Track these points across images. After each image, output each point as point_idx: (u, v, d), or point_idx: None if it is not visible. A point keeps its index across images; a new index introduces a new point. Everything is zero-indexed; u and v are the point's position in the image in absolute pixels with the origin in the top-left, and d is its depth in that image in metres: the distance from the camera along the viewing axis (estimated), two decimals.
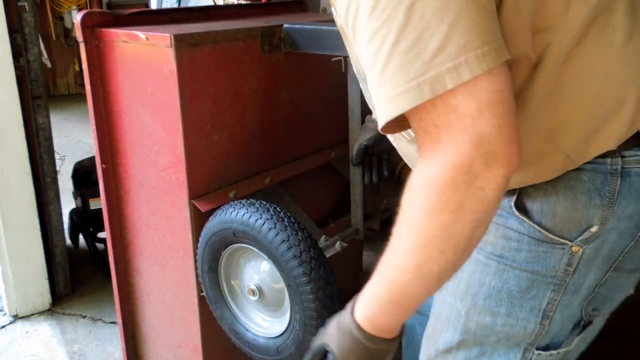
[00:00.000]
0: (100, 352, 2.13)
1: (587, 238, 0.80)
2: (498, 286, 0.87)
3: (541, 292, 0.85)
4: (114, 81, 1.38)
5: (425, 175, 0.65)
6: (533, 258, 0.83)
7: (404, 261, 0.70)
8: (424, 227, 0.67)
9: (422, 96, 0.62)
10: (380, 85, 0.65)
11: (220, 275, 1.26)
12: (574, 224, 0.80)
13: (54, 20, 5.77)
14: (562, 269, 0.83)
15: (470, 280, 0.89)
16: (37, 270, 2.31)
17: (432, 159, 0.65)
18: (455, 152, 0.63)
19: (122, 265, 1.61)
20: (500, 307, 0.87)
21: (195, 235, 1.32)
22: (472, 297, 0.89)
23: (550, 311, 0.86)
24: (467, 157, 0.62)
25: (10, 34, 2.03)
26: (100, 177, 1.48)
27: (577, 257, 0.81)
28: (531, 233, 0.81)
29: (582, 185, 0.78)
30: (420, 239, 0.67)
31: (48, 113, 2.24)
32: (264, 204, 1.14)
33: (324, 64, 1.41)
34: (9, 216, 2.18)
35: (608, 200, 0.78)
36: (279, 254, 1.09)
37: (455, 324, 0.93)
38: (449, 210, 0.65)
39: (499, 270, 0.86)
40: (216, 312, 1.31)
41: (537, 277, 0.84)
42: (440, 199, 0.64)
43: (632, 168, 0.78)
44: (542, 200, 0.80)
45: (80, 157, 2.87)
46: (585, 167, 0.78)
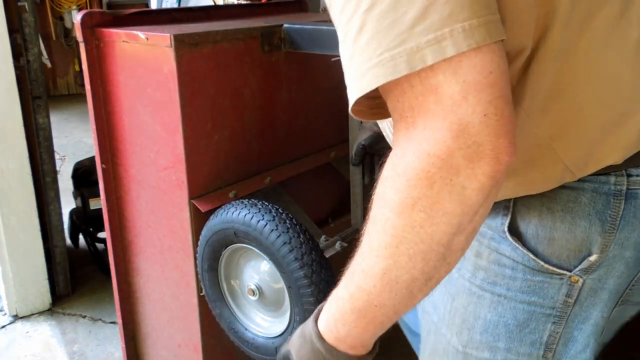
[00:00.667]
0: (100, 352, 2.13)
1: (587, 268, 0.71)
2: (494, 320, 0.78)
3: (541, 325, 0.76)
4: (114, 81, 1.38)
5: (397, 165, 0.56)
6: (529, 288, 0.74)
7: (369, 264, 0.60)
8: (391, 225, 0.57)
9: (397, 71, 0.52)
10: (351, 59, 0.55)
11: (220, 274, 1.26)
12: (573, 251, 0.71)
13: (54, 20, 5.77)
14: (561, 300, 0.74)
15: (465, 313, 0.81)
16: (37, 270, 2.31)
17: (405, 147, 0.55)
18: (432, 141, 0.53)
19: (122, 265, 1.61)
20: (498, 341, 0.79)
21: (195, 235, 1.32)
22: (468, 330, 0.81)
23: (553, 344, 0.78)
24: (444, 148, 0.52)
25: (10, 34, 2.03)
26: (100, 177, 1.48)
27: (577, 288, 0.73)
28: (525, 262, 0.73)
29: (581, 208, 0.69)
30: (387, 239, 0.57)
31: (48, 113, 2.24)
32: (266, 204, 1.14)
33: (324, 64, 1.41)
34: (9, 216, 2.18)
35: (610, 226, 0.69)
36: (280, 256, 1.08)
37: (454, 357, 0.85)
38: (420, 209, 0.55)
39: (494, 303, 0.78)
40: (215, 310, 1.31)
41: (535, 309, 0.76)
42: (411, 194, 0.54)
43: (638, 189, 0.68)
44: (537, 224, 0.71)
45: (80, 157, 2.87)
46: (586, 186, 0.69)
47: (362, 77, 0.54)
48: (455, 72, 0.52)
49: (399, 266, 0.58)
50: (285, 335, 1.17)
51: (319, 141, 1.61)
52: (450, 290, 0.81)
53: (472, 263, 0.77)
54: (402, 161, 0.55)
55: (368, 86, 0.54)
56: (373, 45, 0.53)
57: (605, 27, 0.64)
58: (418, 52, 0.52)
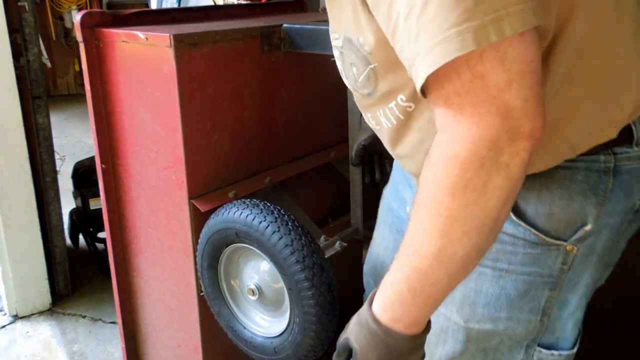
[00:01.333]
0: (100, 352, 2.13)
1: (581, 237, 0.79)
2: (496, 292, 0.84)
3: (539, 292, 0.83)
4: (114, 81, 1.38)
5: (447, 150, 0.59)
6: (529, 260, 0.81)
7: (424, 246, 0.64)
8: (445, 207, 0.60)
9: (464, 47, 0.55)
10: (417, 36, 0.57)
11: (220, 273, 1.26)
12: (570, 223, 0.78)
13: (54, 20, 5.77)
14: (557, 268, 0.81)
15: (465, 289, 0.85)
16: (37, 270, 2.31)
17: (454, 132, 0.59)
18: (481, 126, 0.57)
19: (122, 265, 1.61)
20: (500, 312, 0.85)
21: (195, 234, 1.32)
22: (470, 306, 0.86)
23: (549, 308, 0.85)
24: (493, 131, 0.57)
25: (10, 34, 2.03)
26: (100, 177, 1.48)
27: (571, 256, 0.80)
28: (526, 236, 0.79)
29: (577, 185, 0.76)
30: (441, 221, 0.61)
31: (48, 113, 2.24)
32: (269, 205, 1.14)
33: (324, 63, 1.41)
34: (9, 216, 2.18)
35: (602, 198, 0.77)
36: (282, 258, 1.08)
37: (455, 334, 0.89)
38: (473, 188, 0.59)
39: (495, 277, 0.83)
40: (214, 308, 1.31)
41: (534, 279, 0.82)
42: (463, 176, 0.58)
43: (622, 165, 0.77)
44: (536, 202, 0.78)
45: (80, 157, 2.87)
46: (579, 165, 0.77)
47: (430, 53, 0.56)
48: (502, 61, 0.55)
49: (455, 243, 0.62)
50: (284, 335, 1.16)
51: (318, 141, 1.61)
52: None
53: None
54: (452, 146, 0.59)
55: (437, 62, 0.56)
56: (439, 21, 0.55)
57: (609, 19, 0.71)
58: (483, 28, 0.54)
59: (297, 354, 1.12)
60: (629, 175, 0.77)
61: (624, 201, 0.79)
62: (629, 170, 0.77)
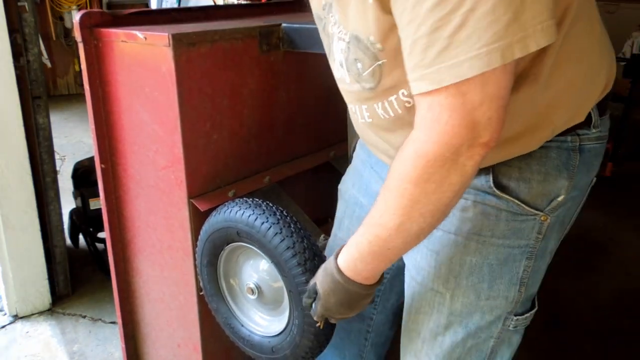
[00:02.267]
0: (100, 352, 2.13)
1: (554, 207, 0.91)
2: (479, 263, 0.94)
3: (517, 262, 0.94)
4: (113, 81, 1.38)
5: (419, 148, 0.72)
6: (509, 231, 0.92)
7: (386, 220, 0.78)
8: (409, 193, 0.75)
9: (491, 63, 0.65)
10: (446, 49, 0.67)
11: (219, 271, 1.26)
12: (546, 195, 0.90)
13: (54, 20, 5.77)
14: (533, 237, 0.93)
15: (450, 263, 0.96)
16: (37, 270, 2.32)
17: (428, 134, 0.71)
18: (451, 134, 0.69)
19: (122, 265, 1.61)
20: (482, 282, 0.95)
21: (195, 234, 1.32)
22: (455, 278, 0.96)
23: (525, 278, 0.96)
24: (459, 140, 0.70)
25: (10, 34, 2.03)
26: (100, 177, 1.48)
27: (545, 225, 0.92)
28: (509, 207, 0.90)
29: (551, 162, 0.89)
30: (404, 202, 0.76)
31: (48, 113, 2.25)
32: (271, 206, 1.13)
33: (323, 63, 1.41)
34: (9, 216, 2.18)
35: (571, 173, 0.90)
36: (283, 260, 1.07)
37: (440, 308, 0.99)
38: (433, 181, 0.73)
39: (479, 247, 0.93)
40: (212, 305, 1.31)
41: (514, 248, 0.93)
42: (427, 171, 0.72)
43: (585, 144, 0.90)
44: (517, 178, 0.89)
45: (80, 157, 2.87)
46: (552, 145, 0.89)
47: (459, 65, 0.67)
48: (483, 85, 0.68)
49: (412, 221, 0.77)
50: (282, 335, 1.16)
51: (317, 140, 1.61)
52: (434, 247, 0.97)
53: (459, 218, 0.93)
54: (423, 146, 0.72)
55: (464, 74, 0.67)
56: (473, 40, 0.65)
57: (585, 21, 0.84)
58: (509, 48, 0.65)
59: (294, 355, 1.12)
60: (589, 154, 0.92)
61: (586, 176, 0.94)
62: (589, 149, 0.91)
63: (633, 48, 4.48)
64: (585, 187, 0.97)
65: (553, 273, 1.07)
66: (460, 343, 1.00)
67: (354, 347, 1.34)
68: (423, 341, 1.02)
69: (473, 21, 0.64)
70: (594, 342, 2.25)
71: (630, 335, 2.30)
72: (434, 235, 0.95)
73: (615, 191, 3.69)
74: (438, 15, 0.66)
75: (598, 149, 0.94)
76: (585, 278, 2.66)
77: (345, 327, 1.32)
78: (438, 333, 1.00)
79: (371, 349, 1.33)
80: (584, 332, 2.29)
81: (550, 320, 2.34)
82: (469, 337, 0.99)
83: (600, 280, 2.68)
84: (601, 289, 2.60)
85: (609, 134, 0.96)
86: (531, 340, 1.32)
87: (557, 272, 2.51)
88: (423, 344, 1.03)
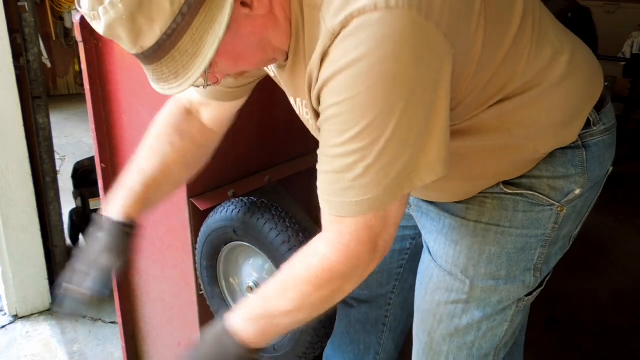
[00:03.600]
0: (100, 352, 2.13)
1: (571, 199, 0.96)
2: (497, 251, 0.98)
3: (533, 249, 0.99)
4: (113, 81, 1.38)
5: (326, 264, 0.81)
6: (528, 221, 0.96)
7: (282, 305, 0.86)
8: (307, 293, 0.83)
9: (387, 201, 0.76)
10: (347, 189, 0.77)
11: (219, 271, 1.26)
12: (559, 190, 0.95)
13: (54, 20, 5.76)
14: (550, 227, 0.97)
15: (470, 252, 1.00)
16: (37, 270, 2.32)
17: (336, 255, 0.80)
18: (358, 258, 0.80)
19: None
20: (500, 270, 0.99)
21: (195, 233, 1.32)
22: (474, 267, 1.00)
23: (539, 264, 1.00)
24: (363, 262, 0.80)
25: (10, 34, 2.03)
26: (100, 177, 1.48)
27: (562, 215, 0.97)
28: (525, 199, 0.95)
29: (557, 160, 0.94)
30: (300, 297, 0.84)
31: (48, 113, 2.25)
32: (266, 203, 1.14)
33: None
34: (9, 216, 2.18)
35: (581, 168, 0.95)
36: (279, 255, 1.08)
37: (459, 293, 1.02)
38: (331, 289, 0.83)
39: (498, 236, 0.97)
40: (213, 307, 1.31)
41: (531, 237, 0.97)
42: (329, 282, 0.82)
43: (589, 140, 0.95)
44: (528, 175, 0.95)
45: (80, 157, 2.87)
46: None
47: (361, 204, 0.76)
48: (385, 217, 0.78)
49: (303, 313, 0.86)
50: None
51: (318, 140, 1.61)
52: (453, 237, 1.01)
53: (477, 210, 0.98)
54: (330, 263, 0.81)
55: (366, 210, 0.77)
56: (373, 185, 0.75)
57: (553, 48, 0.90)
58: (399, 187, 0.76)
59: (295, 351, 1.13)
60: (597, 147, 0.96)
61: (600, 168, 0.98)
62: (596, 143, 0.95)
63: (633, 48, 4.49)
64: (602, 178, 1.01)
65: (553, 273, 1.08)
66: (475, 326, 1.04)
67: (370, 337, 1.36)
68: (440, 322, 1.06)
69: (373, 172, 0.74)
70: (593, 342, 2.25)
71: (630, 335, 2.30)
72: (453, 224, 1.01)
73: (615, 191, 3.70)
74: (344, 162, 0.76)
75: (607, 140, 0.98)
76: (585, 278, 2.67)
77: (362, 320, 1.34)
78: (455, 315, 1.04)
79: (389, 336, 1.35)
80: (584, 332, 2.29)
81: (550, 320, 2.34)
82: (485, 319, 1.03)
83: (600, 280, 2.68)
84: (601, 289, 2.60)
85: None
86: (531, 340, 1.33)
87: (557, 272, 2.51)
88: (439, 324, 1.06)
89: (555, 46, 0.90)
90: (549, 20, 0.93)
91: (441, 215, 1.03)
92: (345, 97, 0.72)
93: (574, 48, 0.93)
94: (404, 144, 0.74)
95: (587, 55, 0.97)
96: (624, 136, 3.98)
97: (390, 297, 1.31)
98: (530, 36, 0.86)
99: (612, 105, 1.02)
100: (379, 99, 0.71)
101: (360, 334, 1.36)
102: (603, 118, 0.96)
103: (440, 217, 1.03)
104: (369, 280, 1.27)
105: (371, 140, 0.73)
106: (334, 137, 0.76)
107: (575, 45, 0.95)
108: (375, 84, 0.71)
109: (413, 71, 0.71)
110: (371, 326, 1.35)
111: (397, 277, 1.29)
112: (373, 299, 1.32)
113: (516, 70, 0.86)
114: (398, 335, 1.37)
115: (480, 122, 0.89)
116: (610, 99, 1.01)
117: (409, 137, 0.74)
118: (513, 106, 0.88)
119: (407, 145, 0.74)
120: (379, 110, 0.72)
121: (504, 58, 0.84)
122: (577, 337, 2.27)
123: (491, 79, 0.84)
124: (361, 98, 0.72)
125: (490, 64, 0.83)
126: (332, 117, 0.76)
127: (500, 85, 0.86)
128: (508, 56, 0.84)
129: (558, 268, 1.08)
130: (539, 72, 0.88)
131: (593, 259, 2.84)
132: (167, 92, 0.80)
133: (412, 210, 1.13)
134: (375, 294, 1.31)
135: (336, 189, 0.78)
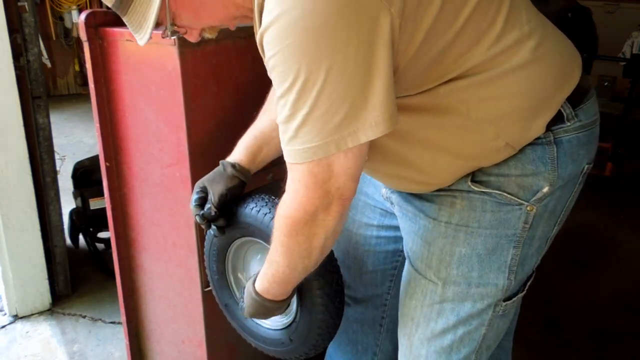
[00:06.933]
0: (100, 352, 2.13)
1: (540, 198, 0.95)
2: (468, 253, 0.99)
3: (505, 250, 0.99)
4: (118, 80, 1.39)
5: (285, 211, 0.87)
6: (496, 221, 0.96)
7: (278, 259, 0.94)
8: (285, 243, 0.91)
9: (328, 151, 0.79)
10: (293, 137, 0.80)
11: (227, 266, 1.26)
12: (527, 188, 0.94)
13: (54, 20, 5.76)
14: (520, 227, 0.97)
15: (441, 254, 1.01)
16: (37, 270, 2.31)
17: (291, 202, 0.86)
18: (307, 203, 0.84)
19: (126, 263, 1.61)
20: (472, 272, 1.00)
21: (199, 231, 1.32)
22: (445, 268, 1.01)
23: (514, 266, 1.00)
24: (314, 207, 0.84)
25: (10, 34, 2.03)
26: (104, 175, 1.49)
27: (532, 215, 0.96)
28: (493, 198, 0.95)
29: (526, 157, 0.93)
30: (284, 249, 0.92)
31: (48, 113, 2.24)
32: (274, 198, 1.14)
33: None
34: (9, 216, 2.18)
35: (551, 165, 0.93)
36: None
37: (433, 295, 1.04)
38: (301, 234, 0.88)
39: (467, 237, 0.98)
40: (221, 302, 1.30)
41: (501, 238, 0.98)
42: (294, 228, 0.87)
43: (562, 137, 0.93)
44: (496, 173, 0.94)
45: (80, 157, 2.87)
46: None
47: (305, 152, 0.80)
48: (329, 166, 0.81)
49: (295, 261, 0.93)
50: (292, 326, 1.16)
51: None
52: (427, 238, 1.03)
53: (448, 212, 0.99)
54: (288, 210, 0.87)
55: (308, 158, 0.80)
56: (312, 134, 0.78)
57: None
58: (342, 140, 0.78)
59: (306, 345, 1.13)
60: (570, 144, 0.94)
61: (572, 166, 0.96)
62: (569, 140, 0.94)
63: (633, 48, 4.50)
64: (576, 176, 0.99)
65: (553, 273, 1.09)
66: (451, 329, 1.04)
67: (368, 338, 1.36)
68: (417, 326, 1.08)
69: (311, 122, 0.77)
70: (593, 342, 2.25)
71: (630, 335, 2.31)
72: (427, 226, 1.02)
73: (615, 191, 3.72)
74: (287, 112, 0.79)
75: (582, 138, 0.96)
76: (584, 278, 2.67)
77: (359, 319, 1.35)
78: (430, 319, 1.05)
79: (387, 337, 1.36)
80: (583, 332, 2.30)
81: (550, 320, 2.35)
82: (460, 324, 1.04)
83: (600, 280, 2.69)
84: (601, 289, 2.61)
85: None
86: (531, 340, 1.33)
87: (557, 272, 2.52)
88: (417, 328, 1.08)
89: (523, 30, 0.89)
90: (523, 4, 0.92)
91: (417, 216, 1.04)
92: (277, 49, 0.76)
93: (545, 35, 0.92)
94: (338, 96, 0.76)
95: (561, 46, 0.96)
96: (624, 136, 4.00)
97: (386, 298, 1.31)
98: (494, 14, 0.86)
99: (595, 101, 1.00)
100: (305, 51, 0.74)
101: (358, 334, 1.36)
102: (580, 114, 0.95)
103: (416, 217, 1.04)
104: (363, 279, 1.31)
105: (304, 90, 0.76)
106: (277, 88, 0.80)
107: (548, 33, 0.94)
108: (300, 36, 0.74)
109: (338, 25, 0.73)
110: (368, 327, 1.35)
111: (392, 278, 1.29)
112: (369, 299, 1.32)
113: (475, 46, 0.86)
114: (396, 337, 1.38)
115: (437, 98, 0.89)
116: (594, 95, 0.99)
117: (343, 90, 0.76)
118: (470, 84, 0.88)
119: (342, 98, 0.76)
120: (307, 61, 0.74)
121: (461, 29, 0.84)
122: (576, 337, 2.27)
123: (447, 48, 0.84)
124: (290, 50, 0.75)
125: (445, 31, 0.83)
126: (271, 70, 0.79)
127: (456, 56, 0.86)
128: (465, 28, 0.84)
129: (557, 268, 1.08)
130: (500, 52, 0.87)
131: (593, 259, 2.85)
132: (140, 41, 0.89)
133: (395, 209, 1.13)
134: (371, 294, 1.31)
135: (286, 138, 0.81)
